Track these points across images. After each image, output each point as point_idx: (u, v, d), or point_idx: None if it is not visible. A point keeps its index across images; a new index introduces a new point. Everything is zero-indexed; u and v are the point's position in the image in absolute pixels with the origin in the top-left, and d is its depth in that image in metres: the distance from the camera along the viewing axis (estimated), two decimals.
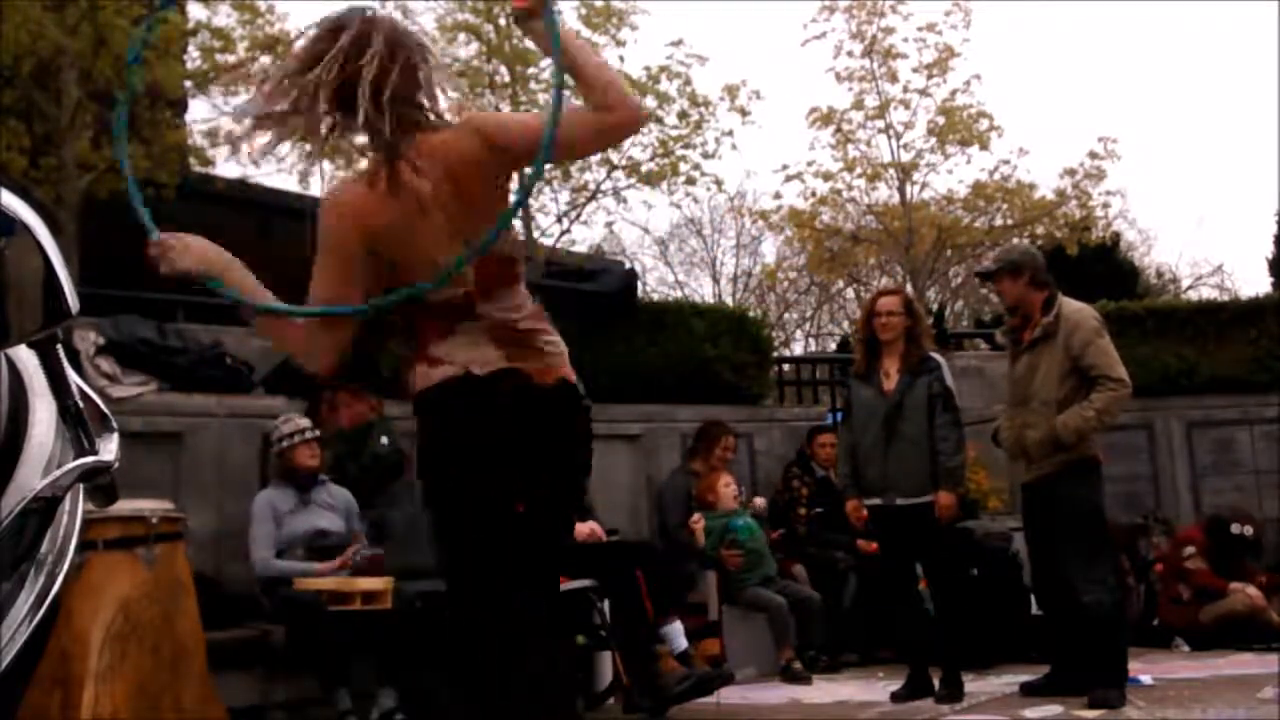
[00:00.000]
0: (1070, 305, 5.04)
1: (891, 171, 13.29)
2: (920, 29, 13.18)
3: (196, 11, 9.98)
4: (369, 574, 4.89)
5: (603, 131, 2.33)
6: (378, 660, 4.69)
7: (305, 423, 5.37)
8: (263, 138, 2.35)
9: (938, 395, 5.22)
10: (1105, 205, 13.72)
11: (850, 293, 23.38)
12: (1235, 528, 6.77)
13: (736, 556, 6.22)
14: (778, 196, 13.83)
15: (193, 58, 9.74)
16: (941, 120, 13.12)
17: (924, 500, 5.15)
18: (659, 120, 11.93)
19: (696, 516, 6.27)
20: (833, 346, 22.64)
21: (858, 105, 13.23)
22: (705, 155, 12.00)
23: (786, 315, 25.26)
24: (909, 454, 5.18)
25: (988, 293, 6.46)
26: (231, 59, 9.60)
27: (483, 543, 2.38)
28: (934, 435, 5.17)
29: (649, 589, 4.84)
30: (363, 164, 2.47)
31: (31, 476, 1.19)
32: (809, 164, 13.44)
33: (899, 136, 13.21)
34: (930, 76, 13.22)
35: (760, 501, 6.44)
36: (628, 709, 4.92)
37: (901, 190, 13.47)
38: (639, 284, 8.75)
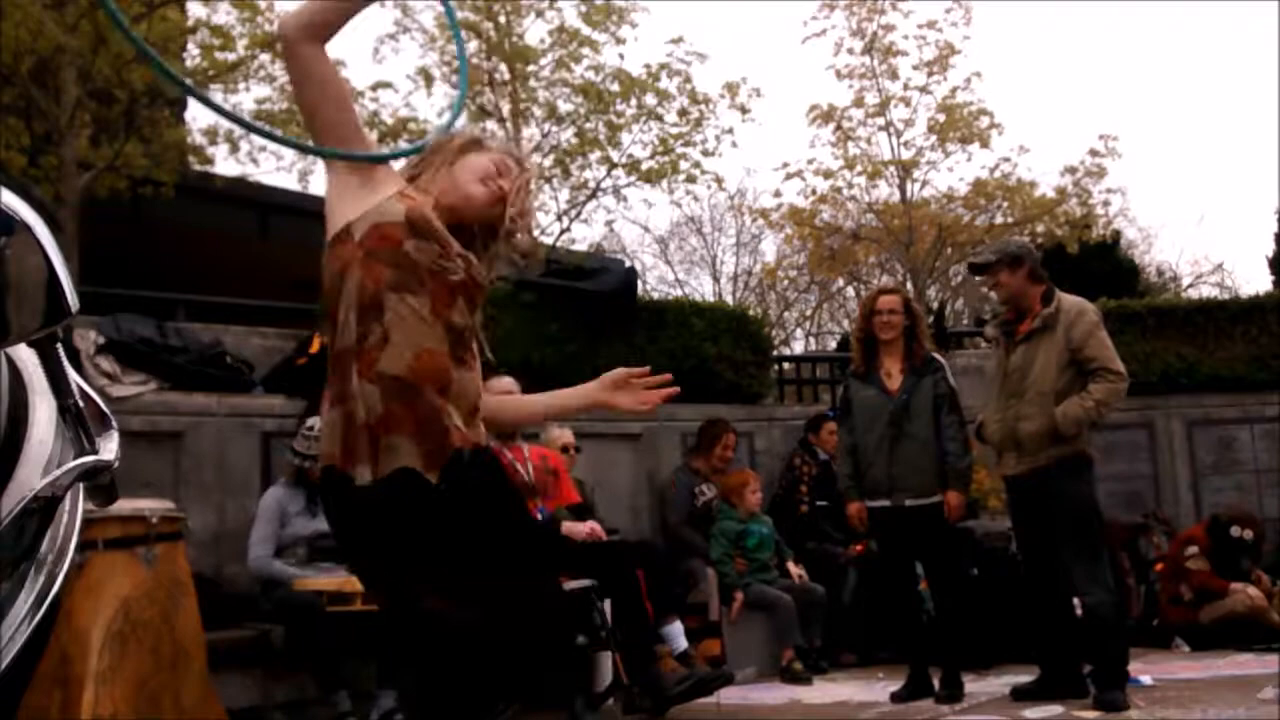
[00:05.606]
0: (1069, 298, 5.06)
1: (892, 169, 13.29)
2: (921, 26, 13.20)
3: (196, 10, 9.97)
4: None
5: None
6: (378, 661, 4.68)
7: None
8: None
9: (944, 395, 5.21)
10: (1106, 203, 13.75)
11: (850, 291, 23.38)
12: (1234, 530, 6.76)
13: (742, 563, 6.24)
14: (778, 194, 13.85)
15: (192, 55, 9.73)
16: (942, 118, 13.12)
17: (933, 501, 5.14)
18: (659, 118, 11.94)
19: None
20: (833, 345, 22.63)
21: (858, 103, 13.23)
22: (705, 153, 11.98)
23: (786, 314, 25.25)
24: (916, 454, 5.16)
25: (988, 290, 6.42)
26: (231, 57, 9.59)
27: None
28: (941, 436, 5.17)
29: (649, 589, 4.82)
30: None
31: (31, 476, 1.19)
32: (809, 162, 13.46)
33: (899, 134, 13.22)
34: (931, 74, 13.22)
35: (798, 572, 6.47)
36: (628, 709, 4.90)
37: (902, 188, 13.48)
38: (639, 282, 8.72)
